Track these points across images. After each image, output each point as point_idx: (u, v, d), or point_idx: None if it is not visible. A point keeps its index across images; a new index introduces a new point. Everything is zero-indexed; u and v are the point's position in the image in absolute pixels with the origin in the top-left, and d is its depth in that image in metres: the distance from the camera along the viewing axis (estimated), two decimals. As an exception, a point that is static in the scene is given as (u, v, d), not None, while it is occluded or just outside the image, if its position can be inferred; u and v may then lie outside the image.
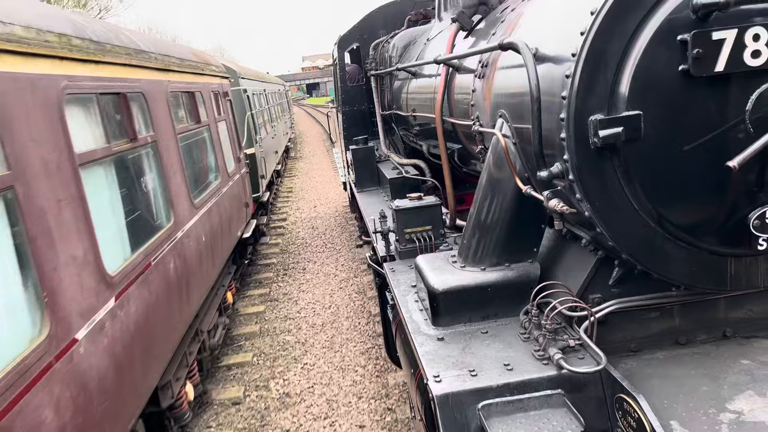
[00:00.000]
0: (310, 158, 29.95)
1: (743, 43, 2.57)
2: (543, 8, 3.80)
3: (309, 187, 21.32)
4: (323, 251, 12.73)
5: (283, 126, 24.92)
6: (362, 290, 10.10)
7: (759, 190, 2.81)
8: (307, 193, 20.04)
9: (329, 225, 15.12)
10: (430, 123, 6.11)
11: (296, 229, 15.07)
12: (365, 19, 10.66)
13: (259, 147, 13.05)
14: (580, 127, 2.82)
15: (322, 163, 27.47)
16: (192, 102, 7.60)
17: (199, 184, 7.31)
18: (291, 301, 10.05)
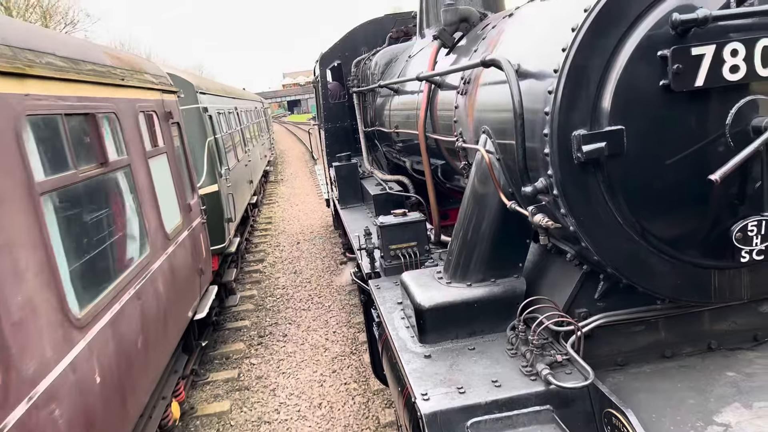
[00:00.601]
0: (291, 181, 27.15)
1: (722, 59, 2.61)
2: (524, 25, 3.84)
3: (290, 216, 18.59)
4: (309, 307, 10.29)
5: (260, 149, 22.01)
6: (363, 375, 7.51)
7: (740, 203, 2.84)
8: (288, 225, 17.28)
9: (316, 269, 12.50)
10: (413, 139, 6.13)
11: (275, 274, 12.55)
12: (347, 36, 10.71)
13: (225, 181, 10.11)
14: (564, 143, 2.84)
15: (305, 187, 24.64)
16: (91, 130, 4.61)
17: (96, 281, 4.37)
18: (267, 391, 7.51)
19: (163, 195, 6.17)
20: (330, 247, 13.94)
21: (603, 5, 2.74)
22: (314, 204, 20.21)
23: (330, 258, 13.07)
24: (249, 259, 13.82)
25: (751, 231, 2.81)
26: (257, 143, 20.95)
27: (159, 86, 6.78)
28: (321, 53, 10.96)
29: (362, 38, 10.42)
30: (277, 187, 25.72)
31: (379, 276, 5.08)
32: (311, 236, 15.52)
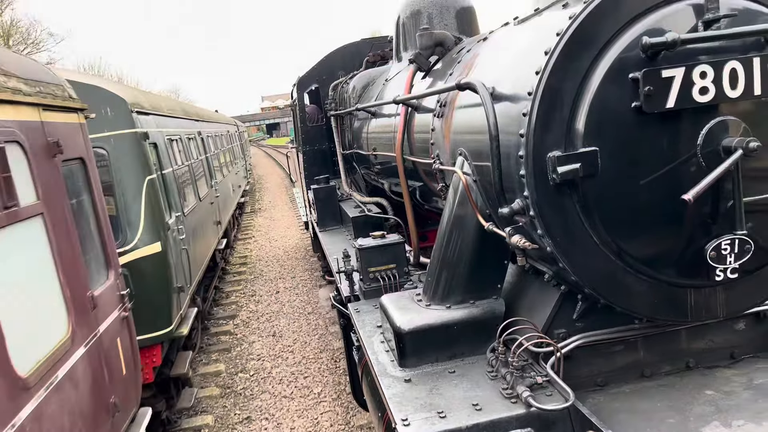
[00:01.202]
0: (270, 210, 24.04)
1: (691, 81, 2.66)
2: (498, 49, 3.89)
3: (269, 255, 15.55)
4: (292, 393, 7.52)
5: (234, 179, 18.87)
6: None
7: (714, 222, 2.87)
8: (266, 266, 14.33)
9: (300, 331, 9.59)
10: (391, 161, 6.14)
11: (249, 336, 9.61)
12: (324, 60, 10.77)
13: (175, 235, 7.34)
14: (539, 164, 2.86)
15: (285, 218, 21.51)
16: None
17: None
18: None
19: (22, 301, 3.36)
20: (316, 301, 11.07)
21: (575, 29, 2.78)
22: (296, 239, 17.37)
23: (317, 315, 10.29)
24: (218, 314, 11.01)
25: (724, 249, 2.84)
26: (230, 173, 17.74)
27: (34, 99, 3.89)
28: (298, 77, 11.00)
29: (339, 62, 10.49)
30: (253, 218, 22.25)
31: (359, 299, 5.04)
32: (294, 282, 12.57)
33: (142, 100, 7.83)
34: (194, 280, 8.40)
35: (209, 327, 10.35)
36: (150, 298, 6.34)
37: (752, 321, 3.44)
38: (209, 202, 11.39)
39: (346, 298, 5.14)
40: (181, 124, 10.46)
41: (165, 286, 6.67)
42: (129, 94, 7.16)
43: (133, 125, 6.62)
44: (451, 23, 6.16)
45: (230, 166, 18.75)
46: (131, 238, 6.34)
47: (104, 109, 6.32)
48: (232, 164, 19.91)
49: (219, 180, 13.93)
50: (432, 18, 6.21)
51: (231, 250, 15.79)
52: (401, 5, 6.68)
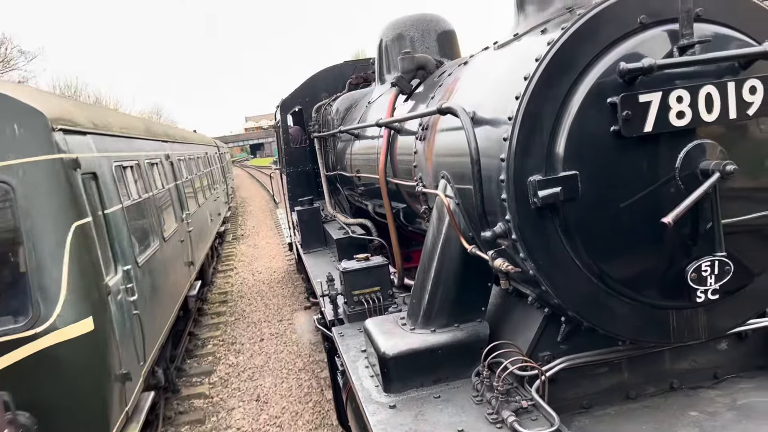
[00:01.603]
0: (253, 237, 21.90)
1: (668, 105, 2.70)
2: (478, 73, 3.93)
3: (252, 292, 13.57)
4: None
5: (212, 207, 16.73)
6: None
7: (694, 244, 2.90)
8: (249, 304, 12.47)
9: (290, 394, 8.07)
10: (375, 183, 6.15)
11: (227, 401, 8.16)
12: (307, 82, 10.81)
13: (122, 297, 5.68)
14: (520, 188, 2.88)
15: (271, 246, 19.26)
16: None
17: None
18: None
19: None
20: (309, 351, 9.50)
21: (554, 55, 2.82)
22: (282, 270, 15.25)
23: (310, 372, 8.63)
24: (191, 370, 9.30)
25: (705, 271, 2.87)
26: (207, 200, 15.59)
27: None
28: (282, 99, 11.03)
29: (322, 84, 10.54)
30: (236, 246, 20.31)
31: (343, 323, 5.01)
32: (280, 327, 10.83)
33: (76, 115, 5.75)
34: (151, 354, 6.46)
35: (180, 388, 8.63)
36: (76, 399, 4.60)
37: (734, 341, 3.47)
38: (179, 239, 9.45)
39: (330, 322, 5.10)
40: (141, 147, 8.50)
41: (99, 380, 4.79)
42: (51, 106, 5.19)
43: (54, 149, 4.77)
44: (433, 46, 6.22)
45: (208, 192, 16.68)
46: (46, 315, 4.44)
47: (9, 126, 4.60)
48: (211, 189, 17.79)
49: (193, 211, 12.17)
50: (414, 41, 6.28)
51: (210, 286, 14.14)
52: (383, 28, 6.75)
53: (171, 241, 8.89)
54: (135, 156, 7.86)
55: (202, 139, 22.75)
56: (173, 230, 9.28)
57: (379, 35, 6.84)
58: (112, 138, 6.96)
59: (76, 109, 6.17)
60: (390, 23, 6.66)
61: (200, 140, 21.15)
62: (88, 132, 5.94)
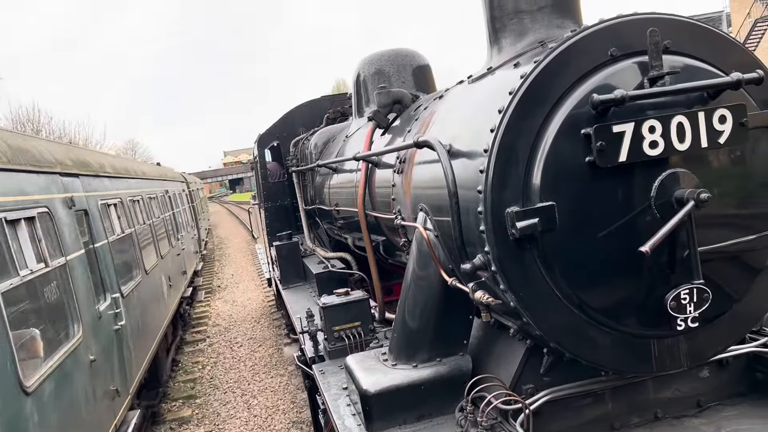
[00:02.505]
0: (232, 290, 18.05)
1: (641, 135, 2.73)
2: (454, 107, 3.96)
3: (231, 381, 9.92)
4: None
5: (174, 264, 12.97)
6: None
7: (672, 272, 2.91)
8: (228, 414, 8.53)
9: None
10: (354, 216, 6.13)
11: None
12: (284, 117, 10.84)
13: None
14: (498, 220, 2.87)
15: (254, 301, 15.86)
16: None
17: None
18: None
19: None
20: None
21: (527, 88, 2.85)
22: (271, 342, 11.55)
23: None
24: None
25: (684, 299, 2.87)
26: (166, 256, 11.84)
27: None
28: (259, 134, 11.03)
29: (300, 119, 10.57)
30: (210, 304, 16.41)
31: (324, 359, 4.92)
32: None
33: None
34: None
35: None
36: None
37: (716, 368, 3.46)
38: (88, 357, 5.35)
39: (311, 359, 5.01)
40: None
41: None
42: None
43: None
44: (409, 81, 6.29)
45: (168, 243, 12.73)
46: None
47: None
48: (173, 239, 13.64)
49: (136, 281, 8.19)
50: (390, 76, 6.33)
51: (171, 376, 10.56)
52: (360, 63, 6.81)
53: (79, 366, 5.06)
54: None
55: (164, 173, 17.15)
56: (76, 341, 5.08)
57: (355, 70, 6.90)
58: None
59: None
60: (366, 58, 6.72)
61: (160, 175, 15.70)
62: None
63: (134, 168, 11.88)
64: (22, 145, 5.29)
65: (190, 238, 18.24)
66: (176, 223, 15.41)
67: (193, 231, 19.68)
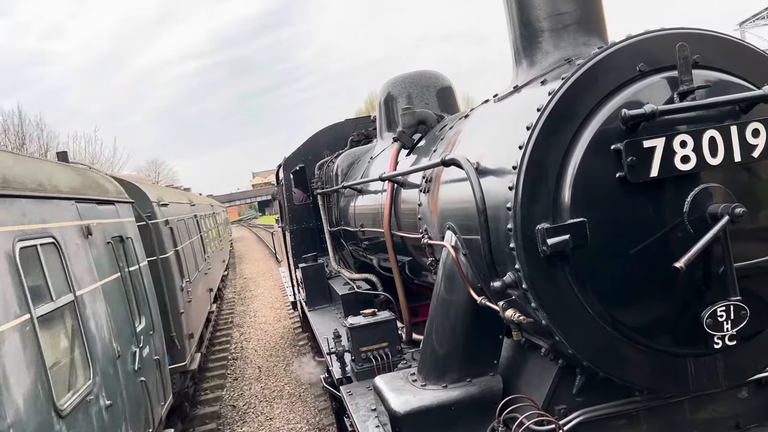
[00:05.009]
0: (270, 377, 11.32)
1: (672, 150, 2.71)
2: (480, 125, 3.97)
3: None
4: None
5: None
6: None
7: (707, 288, 2.85)
8: None
9: None
10: (379, 237, 6.13)
11: None
12: (309, 141, 10.95)
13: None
14: (528, 237, 2.86)
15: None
16: None
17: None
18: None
19: None
20: None
21: (555, 104, 2.85)
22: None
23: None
24: None
25: (720, 316, 2.81)
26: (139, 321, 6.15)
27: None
28: (284, 158, 11.14)
29: (324, 142, 10.67)
30: (232, 389, 11.09)
31: (351, 381, 4.90)
32: None
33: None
34: None
35: None
36: None
37: (754, 388, 3.37)
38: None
39: (338, 381, 4.99)
40: None
41: None
42: None
43: None
44: (432, 102, 6.33)
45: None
46: None
47: None
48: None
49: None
50: (413, 98, 6.39)
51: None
52: (383, 86, 6.88)
53: None
54: None
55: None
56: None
57: (380, 92, 6.98)
58: None
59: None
60: (390, 80, 6.79)
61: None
62: None
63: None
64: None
65: (204, 294, 13.17)
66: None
67: (205, 285, 13.91)
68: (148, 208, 8.61)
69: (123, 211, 6.89)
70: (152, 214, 8.70)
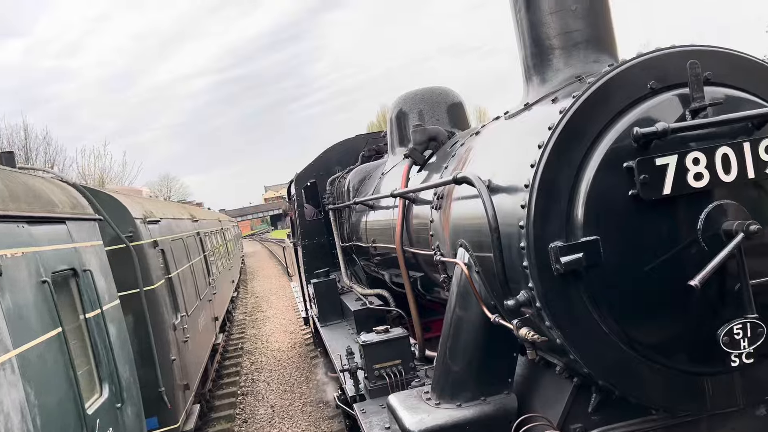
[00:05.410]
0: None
1: (685, 167, 2.70)
2: (491, 142, 3.98)
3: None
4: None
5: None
6: None
7: (723, 306, 2.83)
8: None
9: None
10: (391, 252, 6.14)
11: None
12: (321, 156, 11.01)
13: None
14: (541, 255, 2.85)
15: None
16: None
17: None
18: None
19: None
20: None
21: (566, 122, 2.86)
22: None
23: None
24: None
25: (737, 334, 2.78)
26: None
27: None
28: (296, 173, 11.20)
29: (335, 158, 10.72)
30: None
31: (364, 398, 4.89)
32: None
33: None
34: None
35: None
36: None
37: (773, 406, 3.32)
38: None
39: (352, 398, 4.98)
40: None
41: None
42: None
43: None
44: (443, 118, 6.35)
45: None
46: None
47: None
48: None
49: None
50: (423, 114, 6.41)
51: None
52: (394, 102, 6.91)
53: None
54: None
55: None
56: None
57: (390, 108, 7.01)
58: None
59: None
60: (401, 97, 6.82)
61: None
62: None
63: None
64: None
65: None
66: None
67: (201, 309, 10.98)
68: (128, 227, 6.79)
69: (81, 232, 4.94)
70: (135, 234, 6.87)
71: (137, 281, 6.61)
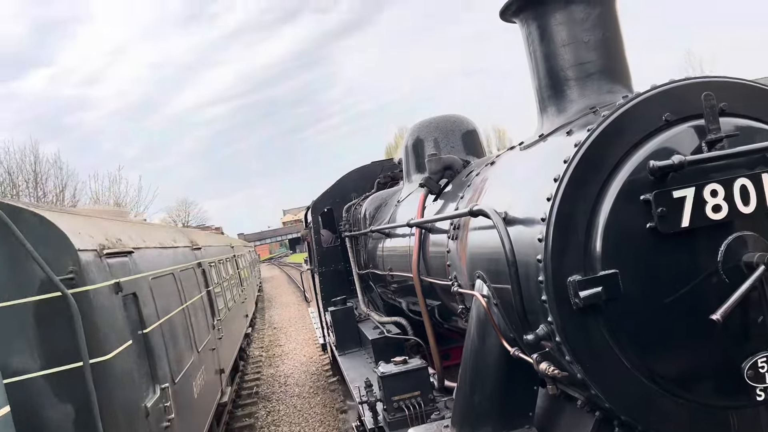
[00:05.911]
0: None
1: (703, 199, 2.68)
2: (506, 173, 3.99)
3: None
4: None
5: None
6: None
7: (746, 339, 2.79)
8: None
9: None
10: (408, 281, 6.13)
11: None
12: (337, 183, 11.09)
13: None
14: (560, 289, 2.84)
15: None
16: None
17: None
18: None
19: None
20: None
21: (582, 156, 2.86)
22: None
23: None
24: None
25: (762, 367, 2.74)
26: None
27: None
28: (312, 201, 11.27)
29: (351, 185, 10.79)
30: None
31: (383, 431, 4.85)
32: None
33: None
34: None
35: None
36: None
37: (802, 439, 3.25)
38: None
39: (371, 431, 4.95)
40: None
41: None
42: None
43: None
44: (458, 145, 6.39)
45: None
46: None
47: None
48: None
49: None
50: (438, 142, 6.45)
51: None
52: (410, 130, 6.96)
53: None
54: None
55: None
56: None
57: (406, 137, 7.06)
58: None
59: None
60: (415, 125, 6.88)
61: None
62: None
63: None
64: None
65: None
66: None
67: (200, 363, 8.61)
68: (66, 264, 4.33)
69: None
70: (78, 275, 4.37)
71: (78, 351, 4.21)
